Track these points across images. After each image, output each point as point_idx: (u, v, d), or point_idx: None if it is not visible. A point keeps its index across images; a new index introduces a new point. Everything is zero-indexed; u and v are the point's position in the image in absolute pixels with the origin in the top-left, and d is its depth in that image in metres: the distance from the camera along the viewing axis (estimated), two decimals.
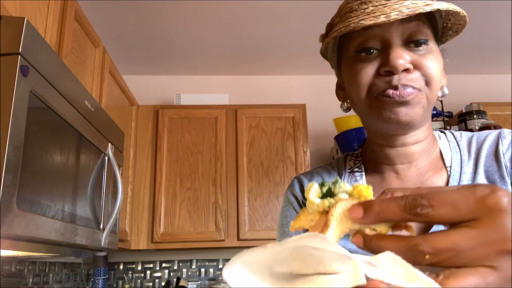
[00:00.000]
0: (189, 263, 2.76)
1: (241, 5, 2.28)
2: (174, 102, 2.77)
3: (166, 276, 2.73)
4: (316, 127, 2.98)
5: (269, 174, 2.56)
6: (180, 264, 2.76)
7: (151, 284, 2.72)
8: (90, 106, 1.41)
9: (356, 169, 0.69)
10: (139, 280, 2.71)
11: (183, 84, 3.10)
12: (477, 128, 2.46)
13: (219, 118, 2.63)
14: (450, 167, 0.62)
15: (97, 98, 1.85)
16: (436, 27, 0.60)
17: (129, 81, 2.83)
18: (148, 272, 2.73)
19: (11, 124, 0.90)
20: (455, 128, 2.60)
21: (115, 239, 1.71)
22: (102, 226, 1.53)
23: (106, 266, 2.50)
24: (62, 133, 1.19)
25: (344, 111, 0.69)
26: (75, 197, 1.28)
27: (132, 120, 2.53)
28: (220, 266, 2.77)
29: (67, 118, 1.21)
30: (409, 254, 0.28)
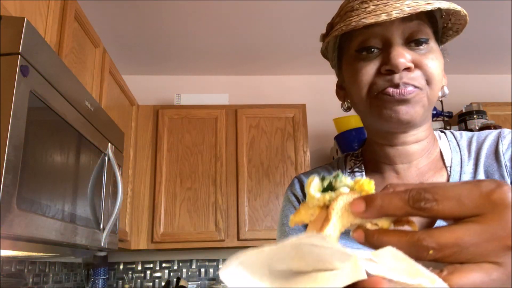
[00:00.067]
0: (189, 263, 2.76)
1: (241, 5, 2.28)
2: (174, 102, 2.77)
3: (166, 276, 2.73)
4: (316, 127, 2.98)
5: (269, 174, 2.56)
6: (180, 264, 2.76)
7: (151, 284, 2.72)
8: (90, 106, 1.41)
9: (356, 169, 0.69)
10: (139, 280, 2.71)
11: (183, 84, 3.10)
12: (477, 128, 2.46)
13: (219, 118, 2.63)
14: (450, 167, 0.62)
15: (97, 98, 1.85)
16: (437, 26, 0.60)
17: (129, 81, 2.83)
18: (148, 272, 2.73)
19: (11, 124, 0.90)
20: (455, 128, 2.60)
21: (115, 239, 1.71)
22: (102, 226, 1.53)
23: (106, 266, 2.50)
24: (62, 133, 1.19)
25: (344, 110, 0.69)
26: (75, 197, 1.28)
27: (132, 120, 2.53)
28: (220, 266, 2.76)
29: (67, 118, 1.21)
30: (412, 249, 0.28)
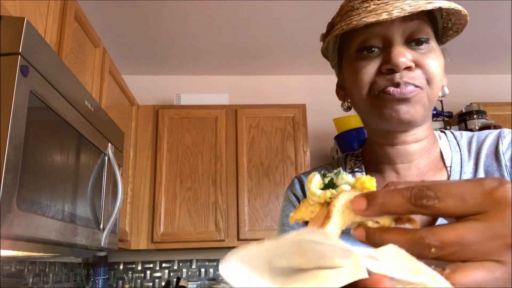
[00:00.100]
0: (189, 263, 2.76)
1: (241, 5, 2.28)
2: (174, 102, 2.77)
3: (166, 276, 2.73)
4: (316, 127, 2.98)
5: (269, 174, 2.56)
6: (180, 264, 2.76)
7: (151, 284, 2.72)
8: (90, 106, 1.41)
9: (356, 169, 0.69)
10: (139, 280, 2.71)
11: (183, 84, 3.10)
12: (477, 128, 2.46)
13: (219, 118, 2.63)
14: (450, 167, 0.62)
15: (97, 98, 1.85)
16: (437, 27, 0.60)
17: (129, 81, 2.83)
18: (148, 272, 2.73)
19: (11, 124, 0.90)
20: (455, 128, 2.60)
21: (115, 239, 1.71)
22: (102, 226, 1.53)
23: (106, 266, 2.50)
24: (62, 133, 1.19)
25: (344, 110, 0.69)
26: (75, 197, 1.28)
27: (132, 120, 2.53)
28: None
29: (67, 118, 1.21)
30: (414, 247, 0.27)
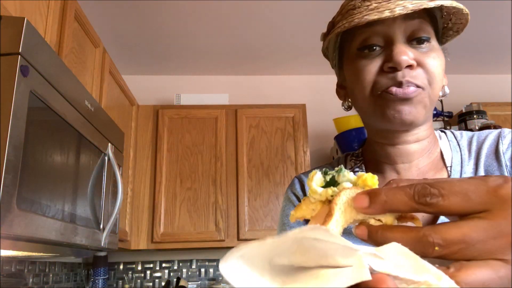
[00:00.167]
0: (189, 263, 2.76)
1: (241, 5, 2.28)
2: (174, 102, 2.77)
3: (166, 276, 2.73)
4: (316, 127, 2.98)
5: (269, 174, 2.56)
6: (180, 264, 2.76)
7: (151, 284, 2.71)
8: (90, 106, 1.41)
9: (357, 168, 0.69)
10: (139, 280, 2.71)
11: (183, 84, 3.10)
12: (477, 128, 2.46)
13: (219, 118, 2.63)
14: (451, 166, 0.62)
15: (97, 98, 1.85)
16: (437, 26, 0.60)
17: (129, 81, 2.83)
18: (148, 272, 2.73)
19: (11, 124, 0.90)
20: (455, 128, 2.60)
21: (115, 239, 1.71)
22: (102, 226, 1.53)
23: (106, 266, 2.50)
24: (62, 133, 1.19)
25: (345, 110, 0.68)
26: (75, 197, 1.28)
27: (132, 120, 2.53)
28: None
29: (67, 118, 1.21)
30: (417, 246, 0.27)
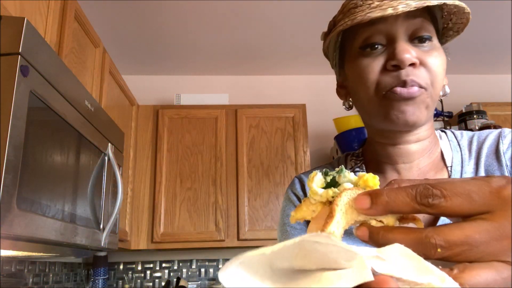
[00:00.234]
0: (189, 263, 2.76)
1: (241, 5, 2.28)
2: (174, 102, 2.77)
3: (166, 276, 2.73)
4: (316, 127, 2.97)
5: (269, 174, 2.56)
6: (180, 264, 2.76)
7: (151, 284, 2.71)
8: (90, 106, 1.41)
9: (357, 168, 0.69)
10: (139, 280, 2.71)
11: (183, 84, 3.10)
12: (477, 128, 2.46)
13: (219, 118, 2.63)
14: (451, 166, 0.62)
15: (97, 98, 1.85)
16: (438, 26, 0.60)
17: (129, 81, 2.83)
18: (148, 272, 2.73)
19: (11, 124, 0.90)
20: (455, 128, 2.60)
21: (115, 239, 1.71)
22: (102, 226, 1.53)
23: (106, 266, 2.50)
24: (62, 133, 1.19)
25: (346, 109, 0.68)
26: (75, 197, 1.28)
27: (132, 120, 2.53)
28: (220, 266, 2.76)
29: (67, 118, 1.21)
30: (419, 247, 0.27)
